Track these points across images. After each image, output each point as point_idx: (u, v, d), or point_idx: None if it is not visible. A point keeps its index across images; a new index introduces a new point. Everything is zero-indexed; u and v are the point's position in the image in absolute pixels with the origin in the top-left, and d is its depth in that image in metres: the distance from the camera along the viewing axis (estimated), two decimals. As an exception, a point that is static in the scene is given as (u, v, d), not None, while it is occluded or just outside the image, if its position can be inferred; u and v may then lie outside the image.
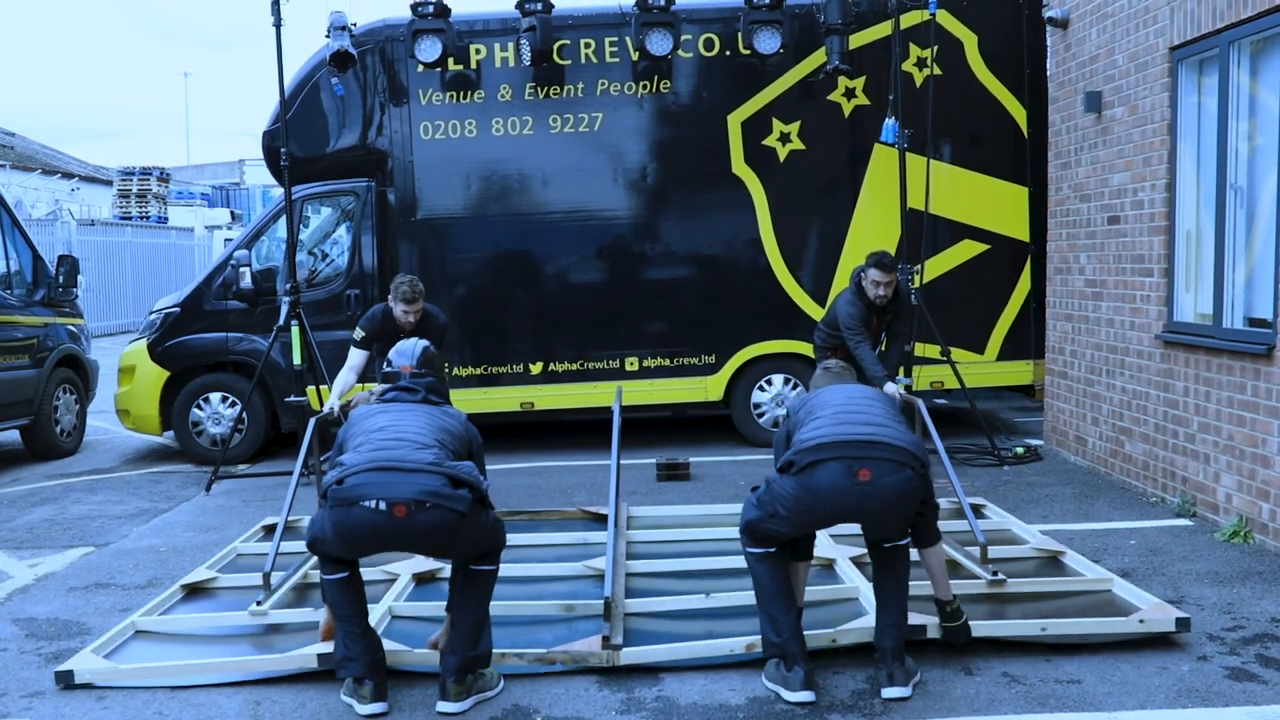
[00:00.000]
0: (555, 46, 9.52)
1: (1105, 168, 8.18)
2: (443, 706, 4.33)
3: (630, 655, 4.69)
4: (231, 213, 38.39)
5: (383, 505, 4.12)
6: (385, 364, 5.01)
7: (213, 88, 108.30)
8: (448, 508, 4.15)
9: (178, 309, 9.97)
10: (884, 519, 4.39)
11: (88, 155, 65.79)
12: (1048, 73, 9.37)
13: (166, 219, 33.59)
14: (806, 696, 4.31)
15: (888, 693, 4.34)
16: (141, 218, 32.26)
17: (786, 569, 4.53)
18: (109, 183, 35.90)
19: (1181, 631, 4.83)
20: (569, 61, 9.69)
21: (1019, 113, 9.80)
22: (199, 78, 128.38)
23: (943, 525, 4.85)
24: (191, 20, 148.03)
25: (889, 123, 8.88)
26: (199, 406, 9.88)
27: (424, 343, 5.01)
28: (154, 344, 9.91)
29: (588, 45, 9.70)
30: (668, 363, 9.86)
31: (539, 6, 9.23)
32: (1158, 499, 7.40)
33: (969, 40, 9.72)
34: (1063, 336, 9.00)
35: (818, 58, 9.62)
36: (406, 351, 4.97)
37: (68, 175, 36.77)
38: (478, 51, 9.68)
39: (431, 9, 9.26)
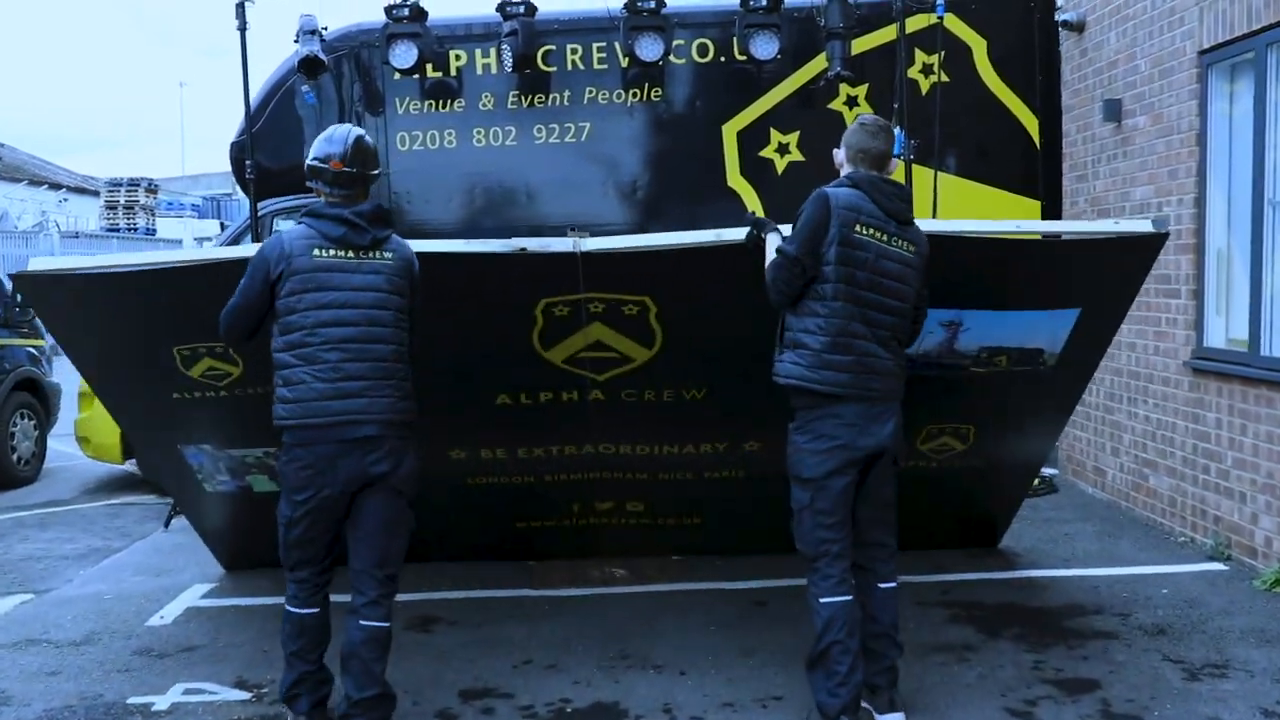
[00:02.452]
0: (539, 52, 8.98)
1: (1126, 180, 7.65)
2: None
3: (596, 242, 4.52)
4: (221, 224, 37.84)
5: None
6: (309, 157, 4.03)
7: (210, 97, 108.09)
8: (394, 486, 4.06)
9: (141, 330, 9.42)
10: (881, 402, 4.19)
11: (85, 164, 65.64)
12: (1061, 79, 8.86)
13: (155, 230, 33.09)
14: None
15: None
16: (129, 229, 31.76)
17: (862, 616, 4.15)
18: (97, 193, 35.42)
19: (1159, 230, 4.66)
20: (554, 68, 9.15)
21: (1030, 122, 9.24)
22: (197, 86, 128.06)
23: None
24: (190, 29, 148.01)
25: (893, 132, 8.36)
26: (163, 433, 9.33)
27: (358, 131, 4.06)
28: (115, 367, 9.36)
29: (574, 51, 9.16)
30: (659, 386, 9.32)
31: (521, 10, 8.68)
32: (1186, 539, 6.85)
33: (978, 45, 9.18)
34: (1079, 360, 8.45)
35: (818, 64, 9.06)
36: (339, 139, 3.97)
37: (55, 186, 36.32)
38: (457, 58, 9.15)
39: (407, 12, 8.72)
